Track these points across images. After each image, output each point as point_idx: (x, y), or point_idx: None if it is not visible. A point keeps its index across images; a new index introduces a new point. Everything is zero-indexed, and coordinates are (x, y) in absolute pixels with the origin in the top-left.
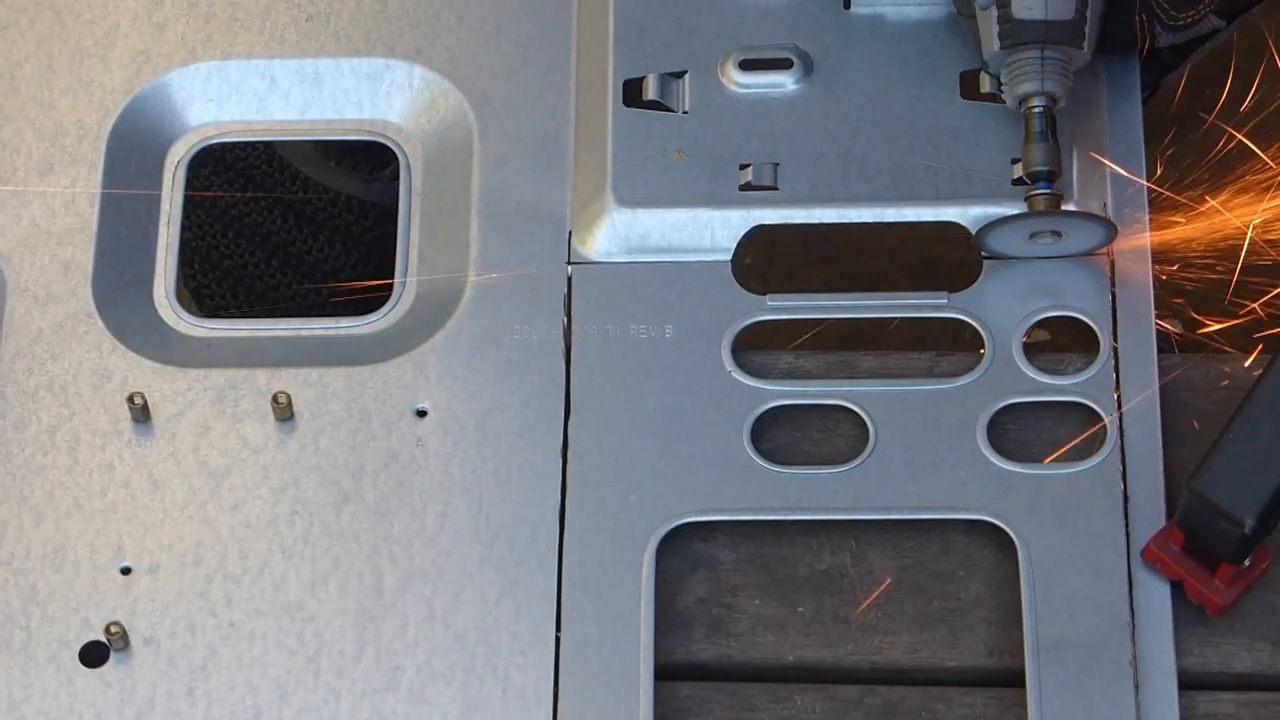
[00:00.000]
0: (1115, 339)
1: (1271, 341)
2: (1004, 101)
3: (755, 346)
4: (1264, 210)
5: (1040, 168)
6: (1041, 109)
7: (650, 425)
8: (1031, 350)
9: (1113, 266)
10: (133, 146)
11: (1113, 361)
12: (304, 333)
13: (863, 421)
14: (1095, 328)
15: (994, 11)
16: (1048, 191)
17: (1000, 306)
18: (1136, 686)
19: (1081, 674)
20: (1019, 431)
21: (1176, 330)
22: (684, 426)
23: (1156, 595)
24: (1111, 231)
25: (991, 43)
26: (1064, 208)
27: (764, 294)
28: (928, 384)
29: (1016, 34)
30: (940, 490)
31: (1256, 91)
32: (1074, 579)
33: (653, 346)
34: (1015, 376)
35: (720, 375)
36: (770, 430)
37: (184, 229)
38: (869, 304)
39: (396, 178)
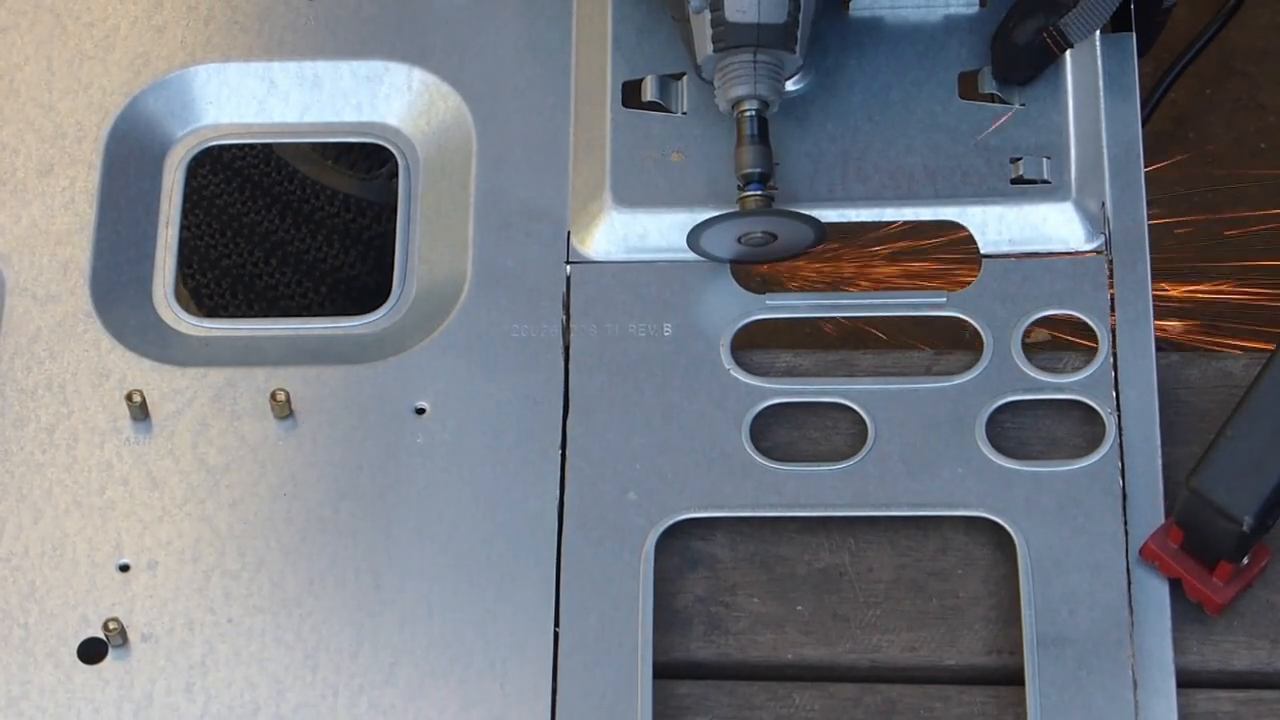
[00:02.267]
0: (1114, 337)
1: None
2: (1004, 101)
3: (754, 345)
4: None
5: (752, 170)
6: (754, 112)
7: (648, 423)
8: (1030, 348)
9: (1111, 265)
10: (132, 148)
11: (1111, 360)
12: (303, 331)
13: (861, 419)
14: (1094, 326)
15: (707, 15)
16: (759, 193)
17: (999, 305)
18: (1135, 684)
19: (1080, 670)
20: (1018, 430)
21: (1176, 329)
22: (682, 424)
23: (1155, 593)
24: (821, 232)
25: (705, 46)
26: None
27: (763, 293)
28: (926, 382)
29: (729, 37)
30: (939, 488)
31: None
32: (1073, 576)
33: (651, 345)
34: (1014, 374)
35: (719, 373)
36: (769, 428)
37: (183, 228)
38: (868, 303)
39: (394, 176)
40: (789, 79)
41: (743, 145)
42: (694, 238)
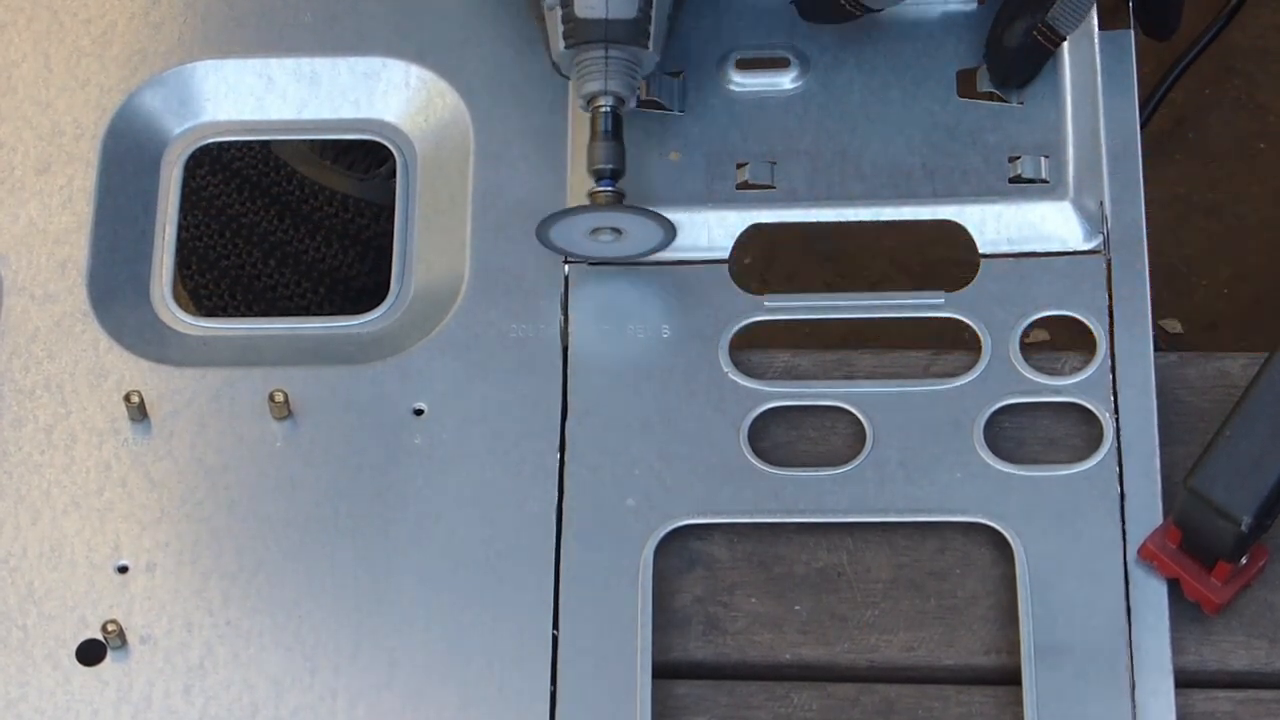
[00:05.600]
0: (1112, 338)
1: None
2: (1002, 100)
3: (752, 345)
4: None
5: (604, 166)
6: (609, 109)
7: (647, 427)
8: (1028, 349)
9: (1109, 265)
10: (129, 146)
11: (1110, 361)
12: (301, 331)
13: (859, 422)
14: (1092, 327)
15: (559, 11)
16: (609, 189)
17: (997, 306)
18: (1133, 685)
19: (1078, 677)
20: (1016, 430)
21: (1176, 330)
22: (681, 427)
23: (1153, 593)
24: (670, 232)
25: (558, 42)
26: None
27: (762, 294)
28: (924, 384)
29: (578, 33)
30: (936, 492)
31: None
32: (1070, 583)
33: (650, 347)
34: (1012, 377)
35: (717, 376)
36: (767, 429)
37: (181, 229)
38: (867, 304)
39: (392, 176)
40: (648, 74)
41: (595, 141)
42: (543, 230)
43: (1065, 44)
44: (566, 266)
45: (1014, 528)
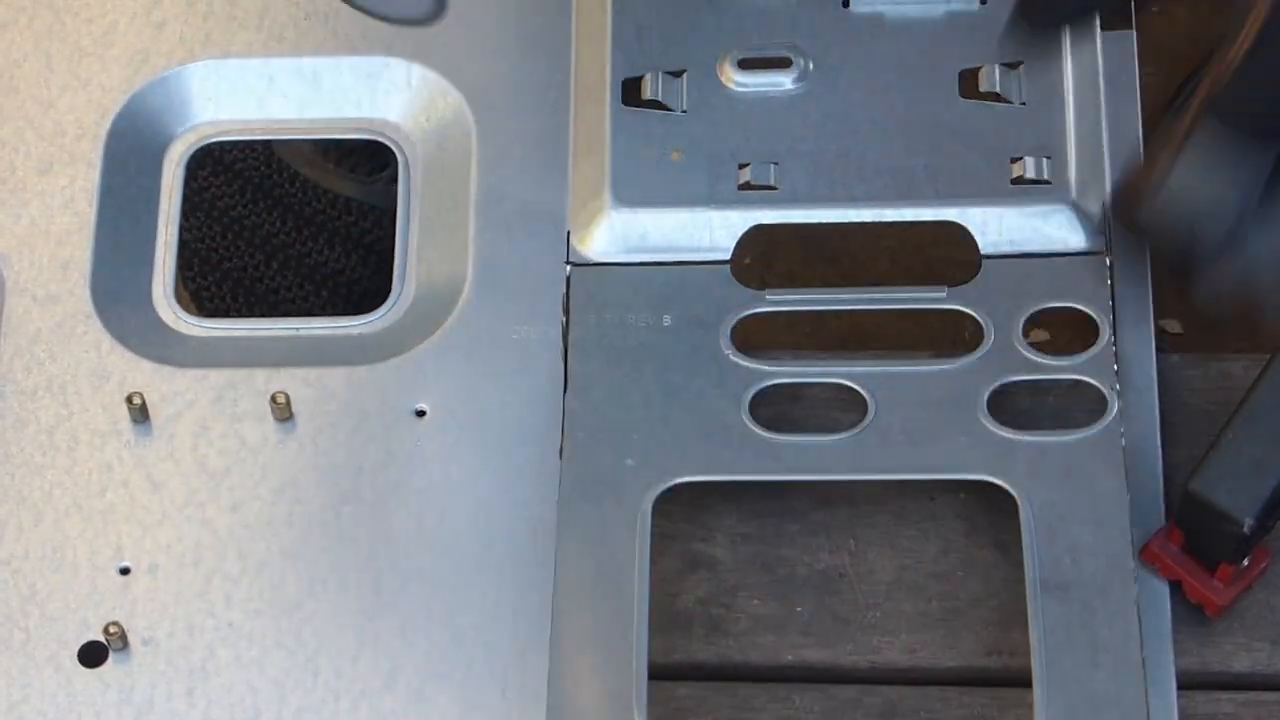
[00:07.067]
0: (1114, 339)
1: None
2: (1004, 101)
3: (754, 346)
4: None
5: None
6: None
7: (648, 401)
8: (1030, 347)
9: (1112, 266)
10: (131, 145)
11: (1113, 349)
12: (303, 333)
13: (863, 399)
14: (1095, 316)
15: None
16: None
17: (1000, 300)
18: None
19: (1085, 609)
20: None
21: (1176, 330)
22: (683, 400)
23: (1155, 595)
24: None
25: None
26: None
27: (762, 289)
28: (929, 364)
29: None
30: (940, 453)
31: None
32: (1075, 529)
33: (650, 335)
34: (1016, 360)
35: (719, 359)
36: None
37: (183, 230)
38: (869, 297)
39: (395, 179)
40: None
41: None
42: None
43: (1067, 46)
44: (568, 268)
45: (1019, 485)
